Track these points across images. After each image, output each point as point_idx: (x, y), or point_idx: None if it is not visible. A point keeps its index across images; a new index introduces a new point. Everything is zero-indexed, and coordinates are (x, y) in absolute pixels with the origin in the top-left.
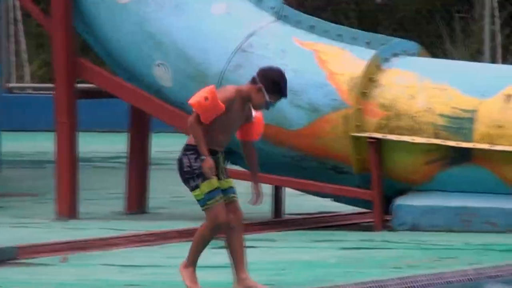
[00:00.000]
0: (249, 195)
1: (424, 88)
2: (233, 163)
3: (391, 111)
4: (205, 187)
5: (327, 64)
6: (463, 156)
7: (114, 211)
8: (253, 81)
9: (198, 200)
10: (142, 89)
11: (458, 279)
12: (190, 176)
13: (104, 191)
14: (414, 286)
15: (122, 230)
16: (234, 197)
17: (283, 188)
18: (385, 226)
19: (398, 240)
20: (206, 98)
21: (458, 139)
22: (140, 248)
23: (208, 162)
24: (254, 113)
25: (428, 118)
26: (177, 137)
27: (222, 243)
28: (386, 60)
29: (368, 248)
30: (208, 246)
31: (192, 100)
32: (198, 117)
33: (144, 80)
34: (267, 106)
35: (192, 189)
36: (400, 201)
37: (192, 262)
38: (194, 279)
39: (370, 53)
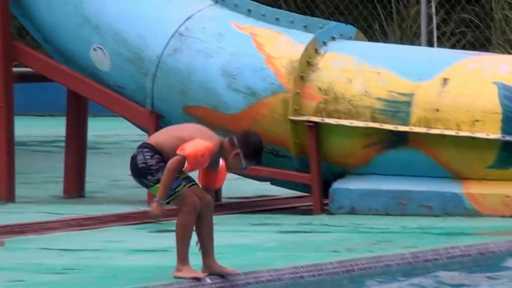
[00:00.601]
0: None
1: (361, 72)
2: None
3: (329, 95)
4: None
5: (264, 47)
6: (400, 139)
7: (51, 195)
8: (232, 143)
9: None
10: (80, 73)
11: (396, 263)
12: (148, 171)
13: (41, 175)
14: (352, 269)
15: (60, 214)
16: (196, 182)
17: None
18: (323, 209)
19: (336, 223)
20: (202, 155)
21: (395, 123)
22: (78, 232)
23: (161, 209)
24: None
25: (365, 101)
26: (114, 121)
27: (158, 226)
28: (324, 43)
29: (306, 232)
30: (145, 230)
31: (189, 151)
32: (182, 164)
33: (81, 63)
34: (241, 170)
35: (153, 183)
36: (338, 184)
37: (182, 260)
38: (193, 271)
39: (307, 36)
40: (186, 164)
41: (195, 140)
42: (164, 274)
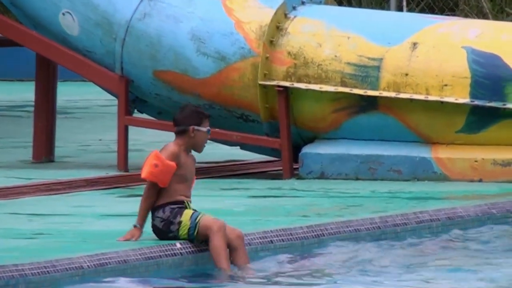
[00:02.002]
0: (157, 144)
1: (330, 36)
2: (140, 111)
3: (298, 59)
4: (185, 217)
5: (234, 12)
6: (369, 104)
7: (20, 160)
8: (182, 131)
9: (188, 230)
10: (48, 38)
11: (366, 227)
12: (170, 224)
13: (10, 140)
14: (322, 234)
15: (29, 179)
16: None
17: None
18: (293, 174)
19: (306, 188)
20: (155, 165)
21: (364, 87)
22: (47, 197)
23: (135, 234)
24: None
25: (335, 66)
26: (83, 86)
27: (128, 191)
28: (293, 8)
29: (276, 197)
30: (115, 195)
31: (144, 174)
32: (153, 185)
33: (50, 28)
34: (209, 133)
35: (177, 230)
36: (308, 149)
37: (224, 269)
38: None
39: (277, 1)
40: (155, 183)
41: (145, 162)
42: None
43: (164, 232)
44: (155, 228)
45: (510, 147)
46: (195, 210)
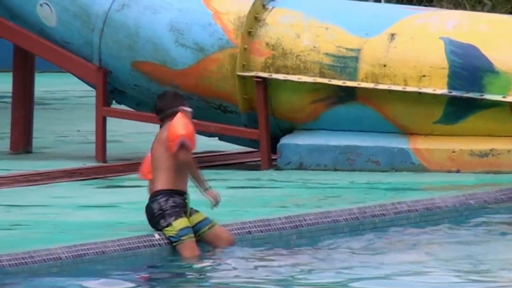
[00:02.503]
0: (135, 135)
1: (309, 27)
2: (118, 102)
3: (277, 50)
4: (178, 224)
5: (212, 3)
6: (348, 95)
7: None
8: (171, 114)
9: (170, 237)
10: (26, 29)
11: (344, 218)
12: (162, 217)
13: None
14: (300, 225)
15: (7, 170)
16: (212, 224)
17: None
18: (272, 165)
19: (285, 179)
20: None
21: (343, 78)
22: (25, 188)
23: (213, 193)
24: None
25: (313, 57)
26: (61, 77)
27: (106, 182)
28: None
29: (255, 187)
30: (93, 186)
31: (182, 131)
32: (190, 150)
33: (27, 19)
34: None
35: (163, 228)
36: (286, 140)
37: None
38: None
39: None
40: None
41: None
42: (113, 230)
43: (155, 220)
44: (148, 209)
45: (487, 138)
46: (189, 219)
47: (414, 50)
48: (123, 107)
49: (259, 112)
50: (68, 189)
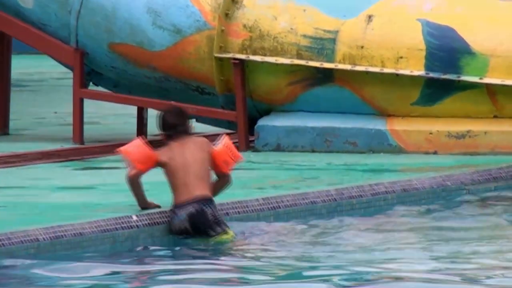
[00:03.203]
0: (112, 117)
1: (286, 9)
2: (95, 84)
3: (254, 32)
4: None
5: None
6: (325, 76)
7: None
8: (185, 130)
9: (224, 241)
10: (2, 10)
11: (322, 199)
12: (217, 224)
13: None
14: (278, 206)
15: None
16: None
17: (146, 109)
18: (249, 146)
19: (262, 160)
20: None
21: (320, 60)
22: (3, 170)
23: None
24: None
25: (291, 38)
26: (38, 58)
27: (83, 164)
28: None
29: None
30: (70, 167)
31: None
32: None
33: (3, 1)
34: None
35: (218, 233)
36: (264, 121)
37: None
38: None
39: None
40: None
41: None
42: (90, 211)
43: (208, 223)
44: (203, 214)
45: (464, 119)
46: None
47: (392, 31)
48: (100, 88)
49: (236, 94)
50: (46, 171)
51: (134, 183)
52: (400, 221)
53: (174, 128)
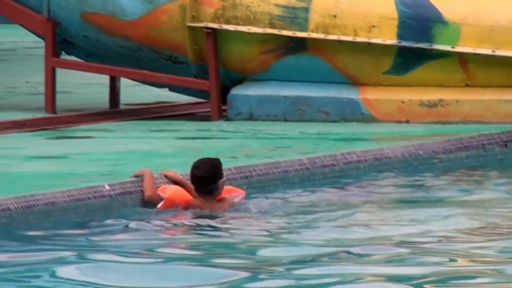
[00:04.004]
0: (84, 86)
1: None
2: (68, 53)
3: (226, 1)
4: None
5: None
6: (298, 45)
7: None
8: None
9: None
10: None
11: (294, 168)
12: None
13: None
14: (250, 175)
15: None
16: None
17: (119, 78)
18: (222, 116)
19: (235, 129)
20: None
21: (293, 29)
22: None
23: None
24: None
25: (263, 8)
26: (10, 28)
27: (56, 133)
28: None
29: (205, 138)
30: (42, 136)
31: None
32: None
33: None
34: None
35: None
36: (237, 91)
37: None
38: None
39: None
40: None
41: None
42: (62, 181)
43: None
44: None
45: (436, 88)
46: None
47: (364, 1)
48: (72, 58)
49: (209, 63)
50: (18, 140)
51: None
52: (372, 190)
53: (202, 186)
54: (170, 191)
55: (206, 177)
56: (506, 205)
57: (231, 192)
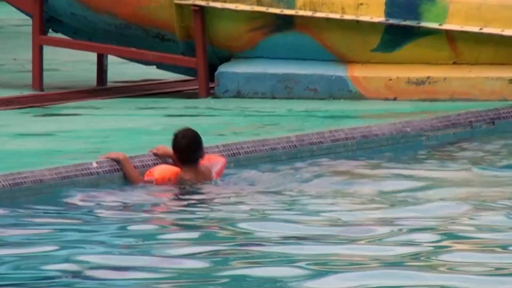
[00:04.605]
0: (72, 63)
1: None
2: (55, 30)
3: None
4: None
5: None
6: (286, 23)
7: None
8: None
9: None
10: None
11: (282, 146)
12: None
13: None
14: (238, 152)
15: None
16: None
17: (106, 55)
18: (209, 93)
19: (222, 107)
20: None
21: (281, 6)
22: None
23: None
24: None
25: None
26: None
27: (43, 111)
28: None
29: (193, 116)
30: (30, 114)
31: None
32: None
33: None
34: None
35: None
36: (224, 68)
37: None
38: None
39: None
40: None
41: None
42: (50, 158)
43: None
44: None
45: (424, 66)
46: None
47: None
48: (59, 35)
49: (196, 41)
50: (5, 118)
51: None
52: (360, 167)
53: (190, 155)
54: (157, 172)
55: (193, 145)
56: (493, 183)
57: (212, 160)
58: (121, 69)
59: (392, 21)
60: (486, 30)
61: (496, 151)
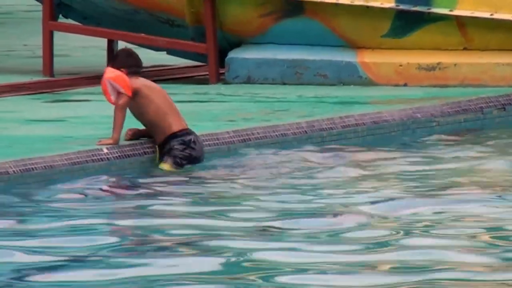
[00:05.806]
0: (82, 49)
1: None
2: (65, 16)
3: None
4: None
5: None
6: (296, 8)
7: None
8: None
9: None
10: None
11: (292, 132)
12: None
13: None
14: (248, 138)
15: None
16: None
17: (116, 41)
18: (220, 79)
19: (233, 93)
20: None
21: None
22: None
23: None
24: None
25: None
26: None
27: (53, 97)
28: None
29: (203, 101)
30: (40, 100)
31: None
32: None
33: None
34: None
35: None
36: (234, 54)
37: None
38: None
39: None
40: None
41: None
42: (60, 144)
43: None
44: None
45: (434, 51)
46: None
47: None
48: (70, 21)
49: (206, 26)
50: (16, 104)
51: (124, 112)
52: (370, 153)
53: (139, 67)
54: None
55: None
56: (503, 168)
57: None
58: None
59: (402, 6)
60: (496, 16)
61: (507, 136)
